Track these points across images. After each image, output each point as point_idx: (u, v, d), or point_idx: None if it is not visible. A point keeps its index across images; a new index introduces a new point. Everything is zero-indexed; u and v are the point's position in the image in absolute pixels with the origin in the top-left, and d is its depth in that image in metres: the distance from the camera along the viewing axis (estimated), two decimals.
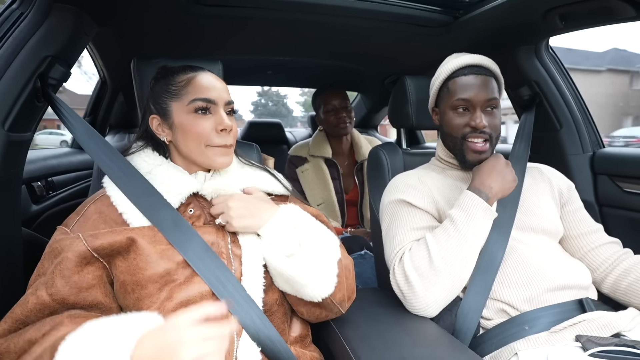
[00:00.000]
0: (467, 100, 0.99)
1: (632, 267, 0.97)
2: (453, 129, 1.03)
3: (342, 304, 0.84)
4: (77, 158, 1.85)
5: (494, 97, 1.00)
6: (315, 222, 0.84)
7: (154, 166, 0.83)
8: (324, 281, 0.78)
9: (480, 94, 0.98)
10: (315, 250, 0.78)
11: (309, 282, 0.76)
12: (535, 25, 1.23)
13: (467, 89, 0.99)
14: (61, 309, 0.68)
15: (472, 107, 1.00)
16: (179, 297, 0.72)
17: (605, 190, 1.38)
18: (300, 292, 0.79)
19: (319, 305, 0.82)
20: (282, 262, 0.76)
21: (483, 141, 1.00)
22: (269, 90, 28.88)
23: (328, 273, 0.79)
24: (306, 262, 0.76)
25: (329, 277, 0.79)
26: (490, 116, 1.00)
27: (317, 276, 0.77)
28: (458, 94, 1.00)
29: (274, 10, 1.22)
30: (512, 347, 0.85)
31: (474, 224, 0.90)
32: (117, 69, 1.75)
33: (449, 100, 1.03)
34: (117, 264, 0.73)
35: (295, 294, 0.80)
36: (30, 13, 0.92)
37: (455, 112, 1.02)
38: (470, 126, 0.99)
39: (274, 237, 0.78)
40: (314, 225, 0.82)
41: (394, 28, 1.38)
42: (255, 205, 0.81)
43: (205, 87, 0.83)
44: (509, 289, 0.92)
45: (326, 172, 1.99)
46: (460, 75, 1.01)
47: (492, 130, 0.99)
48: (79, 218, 0.77)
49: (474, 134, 0.99)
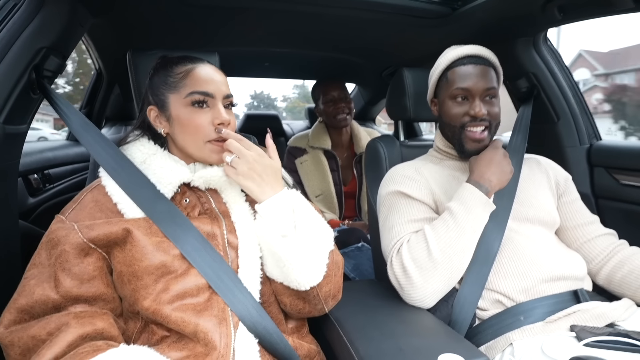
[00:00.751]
0: (466, 89, 1.00)
1: (626, 259, 0.98)
2: (452, 118, 1.03)
3: (327, 300, 0.82)
4: (73, 150, 1.84)
5: (493, 86, 1.00)
6: (313, 211, 0.83)
7: (148, 155, 0.82)
8: (314, 269, 0.77)
9: (479, 83, 0.99)
10: (309, 235, 0.77)
11: (299, 266, 0.75)
12: (534, 16, 1.23)
13: (466, 78, 1.00)
14: (65, 303, 0.69)
15: (471, 96, 1.00)
16: (175, 289, 0.72)
17: (602, 183, 1.38)
18: (288, 278, 0.77)
19: (304, 298, 0.80)
20: (276, 240, 0.75)
21: (482, 129, 1.00)
22: (261, 93, 31.94)
23: (319, 261, 0.78)
24: (299, 245, 0.75)
25: (319, 265, 0.78)
26: (488, 105, 1.00)
27: (307, 262, 0.76)
28: (457, 83, 1.01)
29: (271, 1, 1.21)
30: (507, 337, 0.86)
31: (473, 217, 0.91)
32: (112, 61, 1.73)
33: (448, 89, 1.03)
34: (115, 254, 0.73)
35: (283, 280, 0.78)
36: (24, 4, 0.90)
37: (454, 101, 1.02)
38: (470, 115, 1.00)
39: (271, 214, 0.76)
40: (311, 212, 0.81)
41: (392, 19, 1.37)
42: (267, 173, 0.77)
43: (204, 79, 0.81)
44: (504, 279, 0.93)
45: (325, 163, 1.98)
46: (459, 65, 1.02)
47: (491, 118, 1.00)
48: (76, 206, 0.76)
49: (473, 122, 1.00)
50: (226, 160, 0.77)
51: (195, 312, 0.71)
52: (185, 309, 0.71)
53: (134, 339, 0.74)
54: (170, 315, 0.69)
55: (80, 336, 0.65)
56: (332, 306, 0.85)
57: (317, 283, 0.78)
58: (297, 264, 0.75)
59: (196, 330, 0.69)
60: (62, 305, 0.69)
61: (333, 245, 0.83)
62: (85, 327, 0.66)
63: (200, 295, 0.73)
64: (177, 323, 0.69)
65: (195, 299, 0.72)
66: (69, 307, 0.69)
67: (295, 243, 0.75)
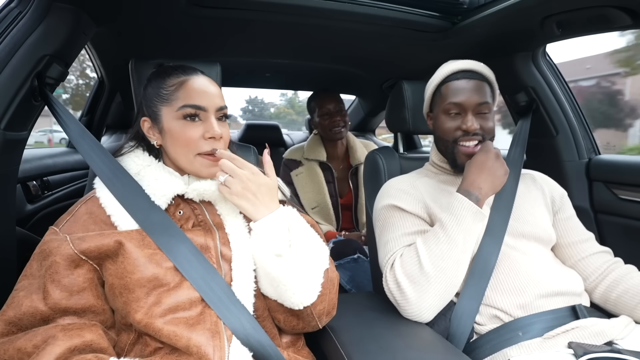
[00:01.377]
0: (459, 104, 1.00)
1: (621, 278, 0.97)
2: (445, 133, 1.03)
3: (320, 317, 0.81)
4: (72, 158, 1.84)
5: (486, 101, 1.00)
6: (309, 229, 0.82)
7: (143, 167, 0.82)
8: (308, 288, 0.76)
9: (472, 97, 0.99)
10: (304, 255, 0.77)
11: (293, 286, 0.75)
12: (533, 32, 1.24)
13: (459, 93, 1.01)
14: (54, 315, 0.68)
15: (464, 110, 1.01)
16: (167, 303, 0.71)
17: (601, 197, 1.38)
18: (282, 296, 0.76)
19: (297, 315, 0.80)
20: (270, 260, 0.75)
21: (475, 144, 1.00)
22: (255, 98, 34.23)
23: (313, 281, 0.77)
24: (293, 265, 0.75)
25: (313, 284, 0.77)
26: (482, 119, 1.01)
27: (302, 281, 0.75)
28: (450, 98, 1.01)
29: (273, 13, 1.23)
30: (505, 352, 0.85)
31: (463, 228, 0.90)
32: (114, 69, 1.74)
33: (442, 104, 1.04)
34: (107, 266, 0.73)
35: (277, 298, 0.78)
36: (29, 12, 0.91)
37: (447, 115, 1.03)
38: (462, 129, 1.00)
39: (266, 234, 0.75)
40: (307, 231, 0.81)
41: (393, 33, 1.38)
42: (261, 191, 0.76)
43: (196, 92, 0.80)
44: (502, 295, 0.92)
45: (320, 175, 1.98)
46: (452, 79, 1.03)
47: (484, 132, 1.00)
48: (70, 218, 0.76)
49: (465, 137, 1.00)
50: (220, 179, 0.76)
51: (188, 325, 0.70)
52: (178, 322, 0.70)
53: (127, 350, 0.73)
54: (162, 329, 0.68)
55: (69, 349, 0.63)
56: (325, 322, 0.84)
57: (312, 302, 0.77)
58: (291, 284, 0.75)
59: (189, 345, 0.68)
60: (51, 317, 0.68)
61: (328, 263, 0.82)
62: (74, 340, 0.65)
63: (192, 308, 0.72)
64: (169, 337, 0.68)
65: (187, 312, 0.71)
66: (57, 319, 0.68)
67: (290, 263, 0.75)
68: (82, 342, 0.65)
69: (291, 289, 0.75)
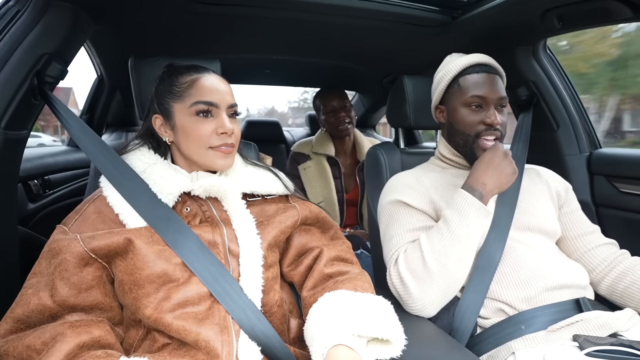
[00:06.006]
0: (482, 97, 0.99)
1: (628, 270, 0.97)
2: (467, 127, 1.02)
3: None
4: (73, 156, 1.84)
5: (505, 95, 1.01)
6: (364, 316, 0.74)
7: (148, 165, 0.83)
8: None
9: (494, 91, 0.99)
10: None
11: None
12: (533, 25, 1.24)
13: (481, 86, 1.00)
14: (62, 312, 0.69)
15: (486, 104, 1.00)
16: (177, 298, 0.71)
17: (602, 191, 1.38)
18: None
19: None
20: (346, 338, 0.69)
21: (494, 139, 1.00)
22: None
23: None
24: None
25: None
26: (501, 114, 1.01)
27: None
28: (472, 91, 1.00)
29: (272, 9, 1.22)
30: (509, 346, 0.85)
31: (467, 224, 0.90)
32: (114, 67, 1.74)
33: (462, 97, 1.02)
34: (117, 263, 0.73)
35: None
36: (27, 10, 0.91)
37: (468, 108, 1.01)
38: (485, 123, 0.99)
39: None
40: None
41: (393, 27, 1.38)
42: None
43: (208, 89, 0.82)
44: (506, 288, 0.92)
45: (328, 170, 1.99)
46: (471, 72, 1.02)
47: (502, 128, 1.01)
48: (78, 217, 0.77)
49: (488, 131, 1.00)
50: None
51: (197, 320, 0.70)
52: (187, 317, 0.70)
53: (136, 346, 0.73)
54: (172, 324, 0.69)
55: (77, 345, 0.64)
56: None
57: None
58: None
59: (197, 339, 0.68)
60: (59, 314, 0.68)
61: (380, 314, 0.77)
62: (82, 336, 0.65)
63: (201, 303, 0.73)
64: (179, 331, 0.69)
65: (196, 307, 0.72)
66: (65, 315, 0.69)
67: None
68: (90, 339, 0.66)
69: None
